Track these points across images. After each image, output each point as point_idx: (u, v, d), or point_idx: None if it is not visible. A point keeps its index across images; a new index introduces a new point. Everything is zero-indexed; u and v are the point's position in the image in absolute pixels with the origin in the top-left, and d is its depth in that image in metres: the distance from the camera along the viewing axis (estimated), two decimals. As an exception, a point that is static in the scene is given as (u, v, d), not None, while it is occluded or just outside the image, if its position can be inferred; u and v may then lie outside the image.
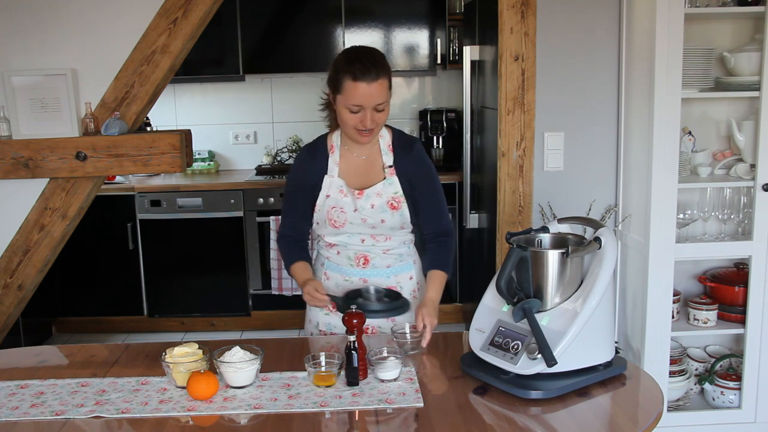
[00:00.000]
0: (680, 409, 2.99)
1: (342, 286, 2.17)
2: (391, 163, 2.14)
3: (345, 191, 2.10)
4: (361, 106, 1.97)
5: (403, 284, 2.20)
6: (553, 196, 3.03)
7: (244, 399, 1.63)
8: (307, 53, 4.62)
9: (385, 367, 1.70)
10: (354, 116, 1.99)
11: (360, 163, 2.14)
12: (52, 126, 2.63)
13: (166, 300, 4.58)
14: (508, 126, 2.93)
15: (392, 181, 2.12)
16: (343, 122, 2.04)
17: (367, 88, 1.95)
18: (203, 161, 4.95)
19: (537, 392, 1.59)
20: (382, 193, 2.10)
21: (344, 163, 2.14)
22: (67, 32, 2.63)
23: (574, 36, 2.94)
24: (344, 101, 1.99)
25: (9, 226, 2.71)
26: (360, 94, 1.96)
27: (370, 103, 1.97)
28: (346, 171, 2.14)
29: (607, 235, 1.69)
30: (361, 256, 2.16)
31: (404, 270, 2.21)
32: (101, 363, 1.87)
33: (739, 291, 2.91)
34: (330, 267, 2.21)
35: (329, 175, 2.12)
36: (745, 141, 2.84)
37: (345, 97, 1.98)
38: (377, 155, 2.15)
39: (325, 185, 2.12)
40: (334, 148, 2.14)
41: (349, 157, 2.14)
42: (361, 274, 2.17)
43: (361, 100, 1.97)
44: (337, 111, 2.05)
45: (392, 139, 2.17)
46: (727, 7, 2.80)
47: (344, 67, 1.98)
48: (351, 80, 1.96)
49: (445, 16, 4.64)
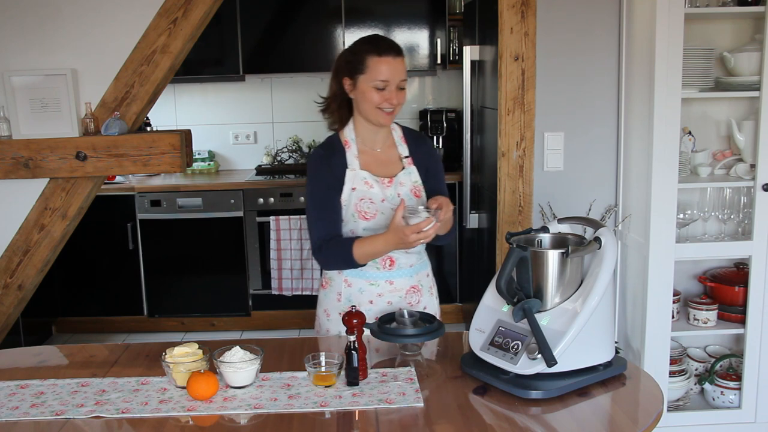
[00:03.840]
0: (680, 409, 2.99)
1: (367, 291, 2.16)
2: (408, 153, 2.18)
3: (370, 182, 2.10)
4: (388, 81, 2.02)
5: (422, 282, 2.22)
6: (553, 196, 3.03)
7: (244, 399, 1.63)
8: (307, 53, 4.62)
9: (417, 215, 1.79)
10: (379, 94, 2.03)
11: (377, 155, 2.16)
12: (52, 126, 2.63)
13: (166, 300, 4.58)
14: (508, 126, 2.93)
15: (411, 170, 2.16)
16: (367, 103, 2.05)
17: (393, 62, 2.03)
18: (203, 161, 4.95)
19: (537, 392, 1.59)
20: (404, 182, 2.13)
21: (363, 156, 2.14)
22: (67, 32, 2.63)
23: (574, 36, 2.94)
24: (369, 79, 2.03)
25: (9, 226, 2.71)
26: (387, 68, 2.02)
27: (395, 78, 2.03)
28: (366, 163, 2.14)
29: (607, 235, 1.69)
30: (386, 258, 2.14)
31: (423, 268, 2.24)
32: (101, 363, 1.87)
33: (739, 291, 2.91)
34: (351, 273, 2.17)
35: (351, 168, 2.11)
36: (745, 141, 2.84)
37: (370, 75, 2.03)
38: (392, 147, 2.19)
39: (349, 179, 2.10)
40: (349, 143, 2.14)
41: (366, 150, 2.15)
42: (386, 276, 2.16)
43: (387, 75, 2.02)
44: (359, 94, 2.06)
45: (403, 132, 2.22)
46: (727, 7, 2.80)
47: (365, 47, 2.05)
48: (376, 56, 2.02)
49: (445, 16, 4.64)
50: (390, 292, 2.16)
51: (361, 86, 2.05)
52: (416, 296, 2.21)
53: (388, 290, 2.16)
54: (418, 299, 2.21)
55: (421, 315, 1.93)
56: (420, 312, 1.94)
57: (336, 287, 2.20)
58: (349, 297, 2.17)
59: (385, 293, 2.16)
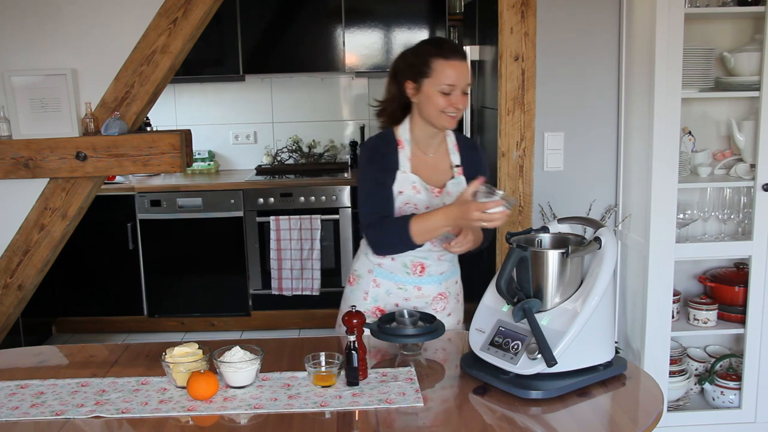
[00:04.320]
0: (680, 409, 2.99)
1: (394, 294, 2.15)
2: (459, 162, 2.15)
3: (418, 187, 2.07)
4: (454, 85, 1.99)
5: (450, 289, 2.21)
6: (553, 196, 3.03)
7: (244, 399, 1.63)
8: (307, 53, 4.62)
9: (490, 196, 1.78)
10: (445, 99, 2.00)
11: (429, 160, 2.12)
12: (52, 126, 2.63)
13: (166, 300, 4.58)
14: (508, 126, 2.93)
15: (460, 180, 2.12)
16: (432, 107, 2.01)
17: (459, 66, 2.00)
18: (203, 161, 4.95)
19: (537, 392, 1.59)
20: (452, 192, 2.10)
21: (415, 160, 2.10)
22: (67, 32, 2.63)
23: (574, 36, 2.94)
24: (435, 83, 1.99)
25: (9, 226, 2.71)
26: (454, 72, 1.99)
27: (462, 82, 2.00)
28: (417, 167, 2.10)
29: (607, 235, 1.69)
30: (418, 264, 2.12)
31: (453, 275, 2.22)
32: (101, 363, 1.87)
33: (739, 291, 2.91)
34: (380, 274, 2.16)
35: (402, 170, 2.07)
36: (745, 141, 2.84)
37: (436, 78, 1.99)
38: (445, 154, 2.15)
39: (398, 180, 2.06)
40: (403, 144, 2.10)
41: (419, 154, 2.11)
42: (415, 282, 2.14)
43: (454, 79, 1.99)
44: (423, 97, 2.02)
45: (457, 139, 2.18)
46: (727, 7, 2.80)
47: (431, 50, 2.01)
48: (443, 59, 1.99)
49: (445, 16, 4.64)
50: (417, 297, 2.16)
51: (426, 90, 2.01)
52: (443, 303, 2.19)
53: (415, 296, 2.15)
54: (444, 306, 2.20)
55: (421, 315, 1.93)
56: (420, 312, 1.94)
57: (364, 285, 2.18)
58: (375, 297, 2.17)
59: (411, 298, 2.15)
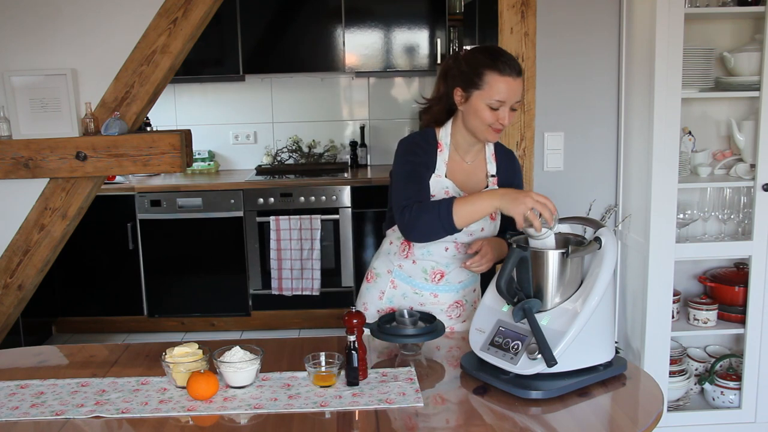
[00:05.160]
0: (680, 409, 2.99)
1: (410, 298, 2.14)
2: (495, 172, 2.10)
3: (451, 192, 2.03)
4: (504, 101, 1.92)
5: (467, 297, 2.18)
6: (553, 196, 3.00)
7: (244, 399, 1.63)
8: (307, 53, 4.62)
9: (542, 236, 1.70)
10: (492, 113, 1.94)
11: (466, 167, 2.09)
12: (52, 126, 2.63)
13: (166, 300, 4.58)
14: (508, 126, 2.92)
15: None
16: (478, 119, 1.96)
17: (512, 83, 1.92)
18: (203, 161, 4.95)
19: (537, 392, 1.58)
20: None
21: (452, 164, 2.07)
22: (67, 32, 2.63)
23: (574, 36, 2.94)
24: (485, 97, 1.92)
25: (9, 226, 2.71)
26: (506, 88, 1.91)
27: (512, 99, 1.93)
28: (453, 172, 2.06)
29: (607, 235, 1.68)
30: (437, 272, 2.10)
31: (471, 283, 2.19)
32: (101, 363, 1.87)
33: (739, 291, 2.91)
34: (399, 276, 2.14)
35: (437, 174, 2.04)
36: (745, 141, 2.84)
37: (487, 92, 1.92)
38: (482, 162, 2.11)
39: (432, 183, 2.03)
40: (442, 147, 2.06)
41: (457, 159, 2.08)
42: (432, 289, 2.13)
43: (505, 96, 1.92)
44: (470, 108, 1.96)
45: (495, 149, 2.13)
46: (727, 7, 2.80)
47: (487, 62, 1.92)
48: (498, 74, 1.91)
49: (445, 16, 4.64)
50: (432, 304, 2.14)
51: (474, 101, 1.94)
52: (458, 310, 2.18)
53: (431, 302, 2.14)
54: (459, 313, 2.18)
55: (421, 315, 1.93)
56: (420, 312, 1.94)
57: (381, 285, 2.17)
58: (391, 298, 2.16)
59: (427, 304, 2.14)
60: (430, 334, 1.84)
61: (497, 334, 1.70)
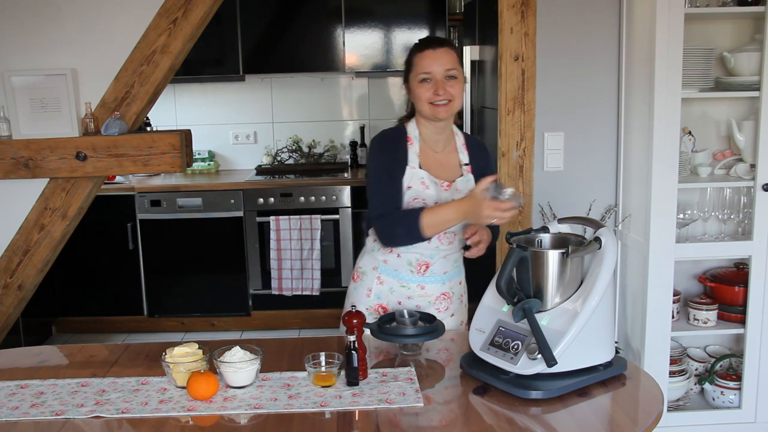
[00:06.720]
0: (680, 409, 2.99)
1: (397, 292, 2.16)
2: (468, 161, 2.16)
3: (427, 182, 2.07)
4: (430, 71, 2.01)
5: (454, 290, 2.21)
6: (553, 196, 3.03)
7: (244, 399, 1.63)
8: (307, 53, 4.62)
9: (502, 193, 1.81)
10: (426, 87, 2.02)
11: (437, 157, 2.13)
12: (52, 126, 2.63)
13: (166, 300, 4.58)
14: (508, 126, 2.93)
15: (469, 178, 2.14)
16: (418, 101, 2.05)
17: (432, 53, 2.02)
18: (203, 161, 4.95)
19: (537, 392, 1.58)
20: (461, 189, 2.11)
21: (424, 156, 2.12)
22: (67, 32, 2.63)
23: (574, 36, 2.94)
24: (415, 76, 2.04)
25: (9, 226, 2.71)
26: (427, 60, 2.02)
27: (438, 68, 2.01)
28: (426, 163, 2.11)
29: (607, 235, 1.68)
30: (422, 263, 2.13)
31: (457, 275, 2.22)
32: (101, 363, 1.87)
33: (739, 291, 2.91)
34: (385, 271, 2.16)
35: (411, 165, 2.08)
36: (745, 141, 2.84)
37: (415, 71, 2.04)
38: (453, 152, 2.16)
39: (407, 176, 2.07)
40: (412, 140, 2.12)
41: (428, 150, 2.13)
42: (418, 281, 2.15)
43: (429, 66, 2.01)
44: (413, 94, 2.07)
45: (465, 139, 2.19)
46: (727, 7, 2.80)
47: (413, 48, 2.09)
48: (418, 52, 2.05)
49: (445, 16, 4.64)
50: (420, 296, 2.16)
51: (412, 86, 2.06)
52: (446, 303, 2.19)
53: (418, 294, 2.16)
54: (447, 306, 2.20)
55: (421, 315, 1.93)
56: (420, 312, 1.94)
57: (367, 283, 2.19)
58: (378, 294, 2.17)
59: (414, 297, 2.16)
60: (430, 334, 1.85)
61: (497, 334, 1.70)
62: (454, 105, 2.06)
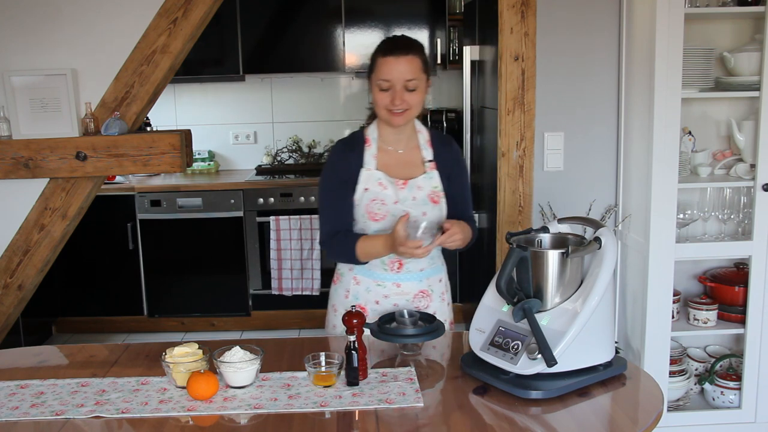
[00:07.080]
0: (680, 409, 2.99)
1: (373, 291, 2.15)
2: (432, 157, 2.13)
3: (384, 183, 2.06)
4: (389, 80, 1.97)
5: (433, 287, 2.19)
6: (553, 196, 3.03)
7: (244, 399, 1.63)
8: (307, 53, 4.62)
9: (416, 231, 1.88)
10: (384, 95, 1.99)
11: (398, 156, 2.12)
12: (52, 126, 2.63)
13: (166, 300, 4.58)
14: (508, 126, 2.93)
15: (432, 175, 2.11)
16: (376, 105, 2.03)
17: (395, 61, 1.96)
18: (203, 161, 4.95)
19: (537, 392, 1.59)
20: (423, 186, 2.09)
21: (382, 156, 2.10)
22: (67, 32, 2.63)
23: (574, 36, 2.94)
24: (375, 80, 2.00)
25: (9, 226, 2.71)
26: (388, 68, 1.96)
27: (398, 78, 1.96)
28: (384, 164, 2.10)
29: (607, 235, 1.68)
30: (395, 260, 2.12)
31: (435, 273, 2.20)
32: (101, 363, 1.87)
33: (739, 291, 2.91)
34: (360, 271, 2.16)
35: (366, 168, 2.08)
36: (745, 141, 2.84)
37: (376, 74, 2.00)
38: (416, 150, 2.14)
39: (363, 179, 2.07)
40: (370, 142, 2.11)
41: (386, 150, 2.11)
42: (394, 279, 2.14)
43: (389, 75, 1.96)
44: (372, 94, 2.04)
45: (430, 136, 2.17)
46: (727, 7, 2.80)
47: (377, 48, 2.02)
48: (381, 56, 1.99)
49: (445, 16, 4.64)
50: (397, 294, 2.15)
51: (372, 88, 2.03)
52: (425, 301, 2.18)
53: (395, 292, 2.15)
54: (427, 304, 2.18)
55: (421, 315, 1.93)
56: (420, 312, 1.94)
57: (345, 284, 2.19)
58: (356, 294, 2.16)
59: (391, 295, 2.15)
60: (430, 334, 1.85)
61: (497, 334, 1.70)
62: (412, 113, 2.04)
